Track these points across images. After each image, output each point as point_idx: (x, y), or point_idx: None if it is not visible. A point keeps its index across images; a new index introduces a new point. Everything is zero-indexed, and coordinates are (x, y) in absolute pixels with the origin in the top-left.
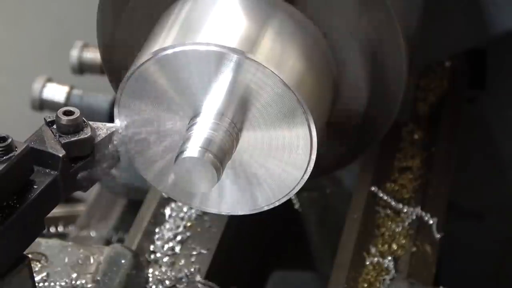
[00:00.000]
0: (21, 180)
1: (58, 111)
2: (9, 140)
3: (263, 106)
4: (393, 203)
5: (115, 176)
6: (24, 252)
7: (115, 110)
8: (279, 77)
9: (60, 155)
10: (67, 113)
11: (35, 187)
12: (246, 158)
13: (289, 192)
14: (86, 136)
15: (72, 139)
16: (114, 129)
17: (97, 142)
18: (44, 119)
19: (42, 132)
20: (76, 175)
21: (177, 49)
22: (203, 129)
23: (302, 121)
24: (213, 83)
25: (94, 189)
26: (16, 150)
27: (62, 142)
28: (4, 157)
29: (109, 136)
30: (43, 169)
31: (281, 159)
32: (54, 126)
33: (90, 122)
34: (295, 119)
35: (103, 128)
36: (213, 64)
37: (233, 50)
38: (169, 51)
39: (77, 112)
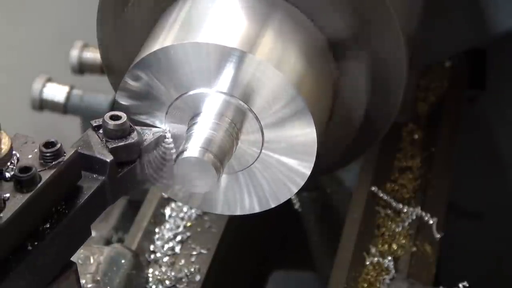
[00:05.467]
0: (70, 186)
1: (105, 115)
2: (58, 145)
3: (263, 106)
4: (393, 203)
5: None
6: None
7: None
8: (279, 76)
9: (108, 160)
10: (114, 117)
11: (83, 192)
12: (247, 158)
13: (290, 192)
14: (133, 140)
15: (120, 144)
16: (160, 134)
17: (144, 147)
18: (90, 123)
19: (89, 137)
20: (123, 180)
21: (177, 49)
22: (203, 129)
23: (302, 120)
24: (213, 82)
25: None
26: (64, 156)
27: (109, 147)
28: (53, 163)
29: (156, 141)
30: (91, 174)
31: (281, 158)
32: (100, 131)
33: (137, 127)
34: (295, 118)
35: (149, 133)
36: (213, 63)
37: (234, 50)
38: (169, 51)
39: (124, 117)
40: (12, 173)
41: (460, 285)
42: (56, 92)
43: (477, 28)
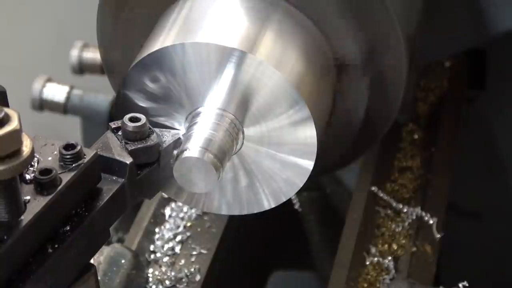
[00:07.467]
0: (89, 188)
1: (124, 117)
2: (78, 147)
3: (263, 106)
4: (393, 203)
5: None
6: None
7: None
8: (280, 76)
9: (128, 162)
10: (133, 119)
11: (103, 194)
12: (247, 158)
13: (290, 192)
14: (152, 142)
15: (139, 146)
16: (178, 136)
17: (163, 149)
18: (109, 125)
19: (108, 139)
20: (142, 182)
21: (177, 49)
22: (203, 129)
23: (302, 120)
24: (213, 83)
25: None
26: (84, 158)
27: (128, 149)
28: (73, 165)
29: (174, 143)
30: (110, 176)
31: (281, 158)
32: (119, 133)
33: (156, 129)
34: (295, 119)
35: (168, 135)
36: (213, 64)
37: (234, 50)
38: (169, 51)
39: (144, 119)
40: (32, 175)
41: (460, 285)
42: (56, 92)
43: (477, 28)
